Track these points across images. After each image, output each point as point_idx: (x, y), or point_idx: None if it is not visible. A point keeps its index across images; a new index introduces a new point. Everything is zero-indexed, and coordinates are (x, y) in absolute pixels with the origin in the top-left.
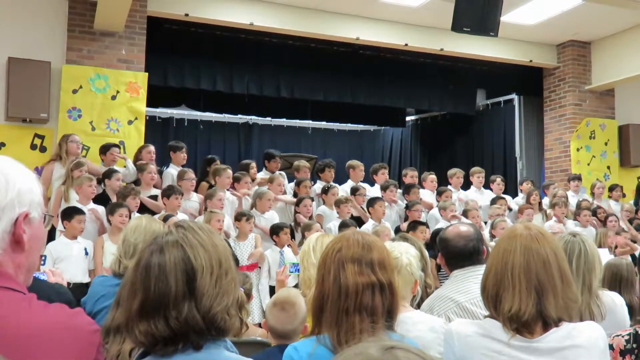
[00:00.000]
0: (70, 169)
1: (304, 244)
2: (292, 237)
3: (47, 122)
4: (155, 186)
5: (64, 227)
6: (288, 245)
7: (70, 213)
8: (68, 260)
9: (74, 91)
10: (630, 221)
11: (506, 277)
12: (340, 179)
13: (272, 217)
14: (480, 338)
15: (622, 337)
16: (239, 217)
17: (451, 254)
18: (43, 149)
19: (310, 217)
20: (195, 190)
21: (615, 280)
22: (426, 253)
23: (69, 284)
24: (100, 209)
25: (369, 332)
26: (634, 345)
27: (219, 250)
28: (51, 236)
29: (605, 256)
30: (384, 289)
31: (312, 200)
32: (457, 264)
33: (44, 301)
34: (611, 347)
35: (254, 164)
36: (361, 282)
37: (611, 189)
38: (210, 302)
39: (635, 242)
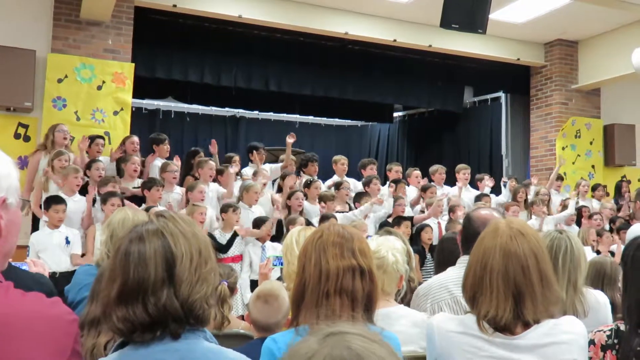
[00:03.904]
0: (51, 159)
1: (286, 238)
2: (279, 230)
3: (32, 111)
4: (140, 178)
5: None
6: (270, 239)
7: (48, 203)
8: (49, 250)
9: (59, 80)
10: (613, 220)
11: (484, 280)
12: (328, 174)
13: (259, 210)
14: (461, 334)
15: (604, 332)
16: (225, 208)
17: (469, 235)
18: (27, 139)
19: (301, 212)
20: (181, 184)
21: (599, 277)
22: (410, 248)
23: (54, 274)
24: (84, 199)
25: (348, 316)
26: (615, 341)
27: (200, 240)
28: (36, 227)
29: (588, 254)
30: (364, 273)
31: (305, 196)
32: (469, 249)
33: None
34: (592, 342)
35: (237, 157)
36: (342, 265)
37: (594, 188)
38: (189, 289)
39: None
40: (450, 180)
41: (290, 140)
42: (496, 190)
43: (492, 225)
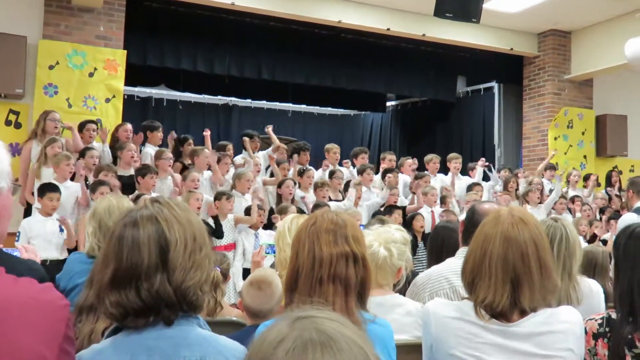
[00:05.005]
0: (44, 146)
1: (279, 225)
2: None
3: (23, 97)
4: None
5: (39, 204)
6: (263, 227)
7: (42, 190)
8: (41, 237)
9: (51, 67)
10: (603, 210)
11: (483, 266)
12: (321, 163)
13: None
14: (457, 320)
15: (595, 320)
16: (219, 196)
17: (471, 227)
18: (18, 125)
19: (292, 200)
20: None
21: (590, 266)
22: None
23: (45, 261)
24: (77, 186)
25: (341, 302)
26: (607, 329)
27: (194, 226)
28: (28, 214)
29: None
30: (357, 260)
31: (295, 183)
32: (470, 239)
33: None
34: (584, 330)
35: (230, 146)
36: (335, 252)
37: (585, 178)
38: (182, 275)
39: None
40: (442, 170)
41: (268, 129)
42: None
43: (494, 213)
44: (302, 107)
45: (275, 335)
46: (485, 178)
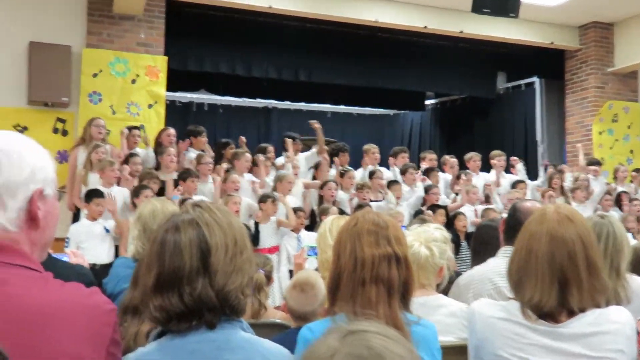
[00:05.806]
0: (89, 152)
1: (320, 227)
2: (313, 221)
3: (69, 106)
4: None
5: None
6: (305, 228)
7: (89, 196)
8: (90, 242)
9: (94, 75)
10: None
11: (530, 265)
12: (360, 164)
13: (292, 200)
14: (503, 320)
15: None
16: (264, 199)
17: (514, 225)
18: (65, 133)
19: (334, 202)
20: None
21: None
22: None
23: (94, 265)
24: (125, 190)
25: (385, 304)
26: None
27: (235, 230)
28: (76, 219)
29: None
30: (399, 261)
31: (336, 184)
32: (512, 238)
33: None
34: (635, 330)
35: (271, 148)
36: (378, 253)
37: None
38: (224, 279)
39: None
40: (485, 168)
41: (316, 126)
42: (532, 177)
43: (540, 211)
44: (341, 108)
45: (326, 349)
46: (532, 176)
